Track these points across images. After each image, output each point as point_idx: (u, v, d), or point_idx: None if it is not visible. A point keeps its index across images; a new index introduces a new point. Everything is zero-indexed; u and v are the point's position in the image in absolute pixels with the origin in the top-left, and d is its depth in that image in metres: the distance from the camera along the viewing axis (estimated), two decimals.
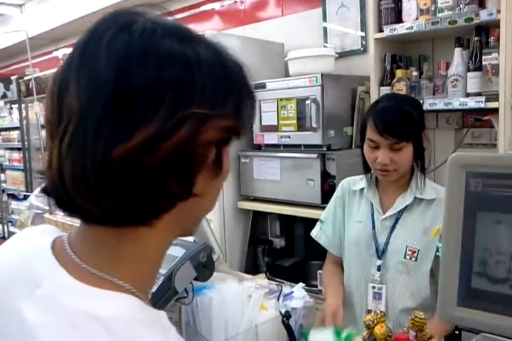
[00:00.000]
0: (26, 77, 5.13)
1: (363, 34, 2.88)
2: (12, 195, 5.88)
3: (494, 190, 0.66)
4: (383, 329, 1.20)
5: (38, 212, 2.95)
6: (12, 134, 5.87)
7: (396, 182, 1.56)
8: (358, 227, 1.62)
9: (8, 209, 5.52)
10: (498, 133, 2.05)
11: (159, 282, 1.10)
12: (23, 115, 5.51)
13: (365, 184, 1.63)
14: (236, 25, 3.59)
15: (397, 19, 2.35)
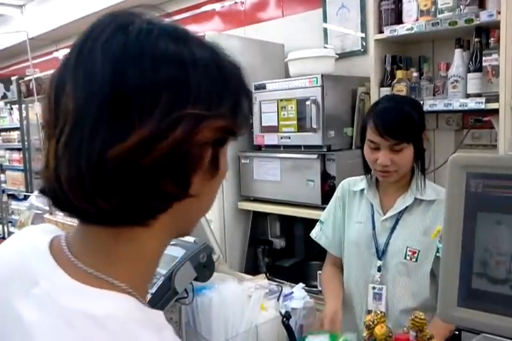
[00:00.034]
0: (26, 78, 5.13)
1: (363, 35, 2.88)
2: (12, 196, 5.88)
3: (494, 191, 0.66)
4: (383, 330, 1.20)
5: (38, 212, 2.94)
6: (12, 135, 5.86)
7: (396, 183, 1.56)
8: (358, 228, 1.62)
9: (8, 210, 5.53)
10: (498, 134, 2.06)
11: (159, 282, 1.10)
12: (23, 115, 5.50)
13: (366, 185, 1.63)
14: (236, 26, 3.59)
15: (398, 20, 2.35)
